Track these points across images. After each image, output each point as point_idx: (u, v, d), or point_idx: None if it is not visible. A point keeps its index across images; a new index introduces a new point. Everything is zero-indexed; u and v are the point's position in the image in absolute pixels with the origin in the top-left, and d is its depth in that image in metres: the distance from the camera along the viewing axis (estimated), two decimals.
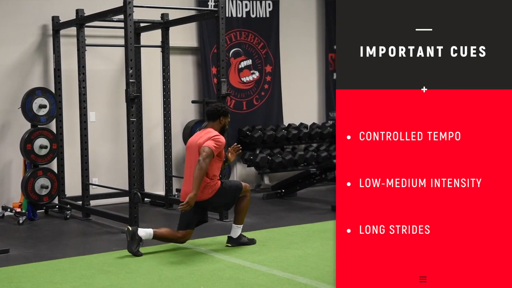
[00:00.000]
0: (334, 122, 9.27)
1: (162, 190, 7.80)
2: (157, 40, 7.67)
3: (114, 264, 4.86)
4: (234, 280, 4.40)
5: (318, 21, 9.36)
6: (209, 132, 5.22)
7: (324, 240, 5.59)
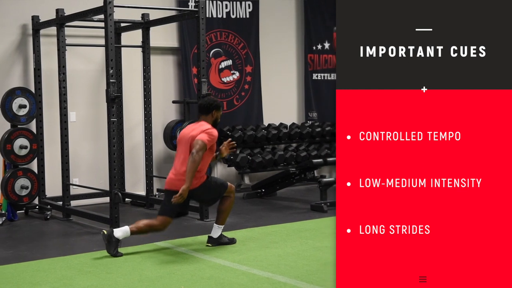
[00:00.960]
0: (313, 122, 9.31)
1: (143, 190, 7.70)
2: (137, 40, 7.59)
3: (95, 265, 4.81)
4: (214, 279, 4.38)
5: (297, 22, 9.33)
6: (202, 125, 5.20)
7: (303, 239, 5.59)
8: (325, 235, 5.79)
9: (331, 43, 9.48)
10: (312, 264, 4.77)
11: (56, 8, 6.72)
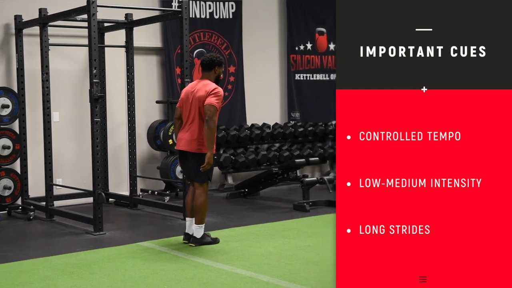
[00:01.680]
0: (295, 122, 9.31)
1: (126, 190, 7.63)
2: (121, 40, 7.51)
3: (78, 265, 4.77)
4: (197, 279, 4.36)
5: (280, 22, 9.27)
6: (206, 85, 5.18)
7: (286, 239, 5.57)
8: (308, 234, 5.81)
9: (313, 44, 9.51)
10: (295, 263, 4.77)
11: (39, 7, 6.64)
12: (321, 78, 9.59)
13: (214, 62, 5.30)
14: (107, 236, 5.83)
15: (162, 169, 7.83)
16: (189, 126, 5.20)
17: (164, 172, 7.79)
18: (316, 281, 4.29)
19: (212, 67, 5.29)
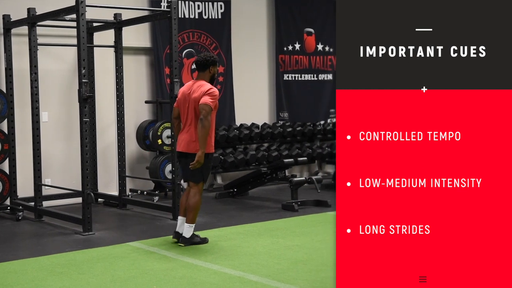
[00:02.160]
0: (284, 122, 9.32)
1: (115, 190, 7.59)
2: (110, 40, 7.45)
3: (67, 266, 4.74)
4: (186, 279, 4.35)
5: (269, 23, 9.24)
6: (201, 86, 5.20)
7: (274, 238, 5.57)
8: (296, 234, 5.82)
9: (301, 44, 9.52)
10: (283, 262, 4.78)
11: (27, 7, 6.59)
12: (309, 79, 9.61)
13: (209, 61, 5.30)
14: (96, 236, 5.80)
15: (151, 169, 7.81)
16: (188, 127, 5.23)
17: (153, 172, 7.77)
18: (304, 281, 4.31)
19: (206, 66, 5.30)
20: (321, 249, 5.19)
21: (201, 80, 5.29)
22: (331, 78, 9.82)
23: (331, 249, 5.18)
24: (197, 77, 5.37)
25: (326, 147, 9.46)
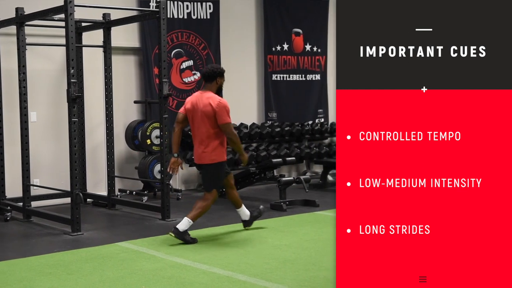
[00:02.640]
0: (273, 122, 9.32)
1: (104, 191, 7.52)
2: (99, 40, 7.41)
3: (55, 266, 4.72)
4: (175, 279, 4.35)
5: (257, 23, 9.22)
6: (210, 98, 5.34)
7: (262, 238, 5.56)
8: (284, 233, 5.83)
9: (290, 45, 9.53)
10: (272, 262, 4.78)
11: (16, 6, 6.55)
12: (297, 79, 9.62)
13: (216, 73, 5.44)
14: (85, 236, 5.77)
15: (140, 169, 7.79)
16: (199, 140, 5.41)
17: (142, 172, 7.75)
18: (292, 280, 4.31)
19: (214, 78, 5.43)
20: (309, 249, 5.20)
21: (209, 92, 5.42)
22: (319, 78, 9.83)
23: (319, 248, 5.20)
24: (204, 88, 5.49)
25: (314, 147, 9.47)
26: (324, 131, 9.71)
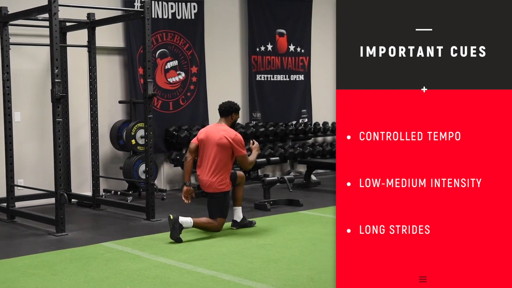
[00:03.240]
0: (257, 122, 9.29)
1: (89, 191, 7.47)
2: (83, 39, 7.32)
3: (39, 267, 4.66)
4: (159, 279, 4.32)
5: (241, 23, 9.18)
6: (225, 131, 5.65)
7: (247, 238, 5.56)
8: (268, 233, 5.83)
9: (274, 45, 9.53)
10: (255, 261, 4.78)
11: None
12: (281, 79, 9.63)
13: (232, 109, 5.77)
14: (70, 237, 5.71)
15: (125, 169, 7.75)
16: (209, 169, 5.62)
17: (127, 172, 7.72)
18: (276, 279, 4.32)
19: (229, 113, 5.76)
20: (293, 248, 5.22)
21: (224, 125, 5.73)
22: (302, 78, 9.85)
23: (303, 248, 5.22)
24: (220, 121, 5.79)
25: (298, 147, 9.50)
26: (308, 131, 9.74)
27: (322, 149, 9.85)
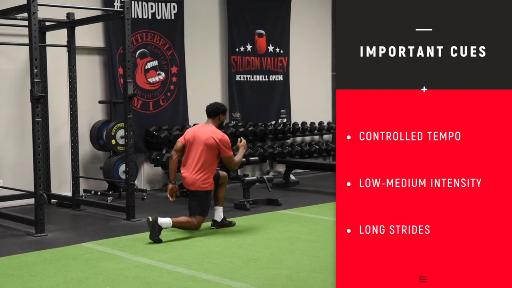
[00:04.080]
0: (236, 122, 9.21)
1: (69, 191, 7.37)
2: (63, 39, 7.21)
3: (18, 267, 4.60)
4: (139, 279, 4.29)
5: (221, 23, 9.13)
6: (213, 132, 5.67)
7: (226, 237, 5.54)
8: (248, 232, 5.82)
9: (253, 46, 9.52)
10: (235, 261, 4.77)
11: None
12: (260, 79, 9.63)
13: (219, 110, 5.79)
14: (49, 237, 5.63)
15: (105, 169, 7.69)
16: (194, 167, 5.62)
17: (107, 172, 7.65)
18: (255, 278, 4.33)
19: (217, 114, 5.78)
20: (272, 247, 5.23)
21: (212, 125, 5.74)
22: (281, 79, 9.86)
23: (282, 247, 5.23)
24: (207, 122, 5.79)
25: (277, 147, 9.51)
26: (287, 131, 9.75)
27: (301, 149, 9.87)
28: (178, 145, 5.76)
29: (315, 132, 10.21)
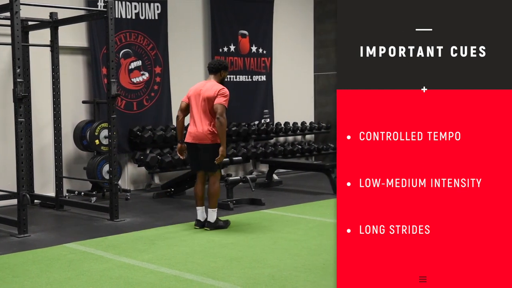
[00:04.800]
0: None
1: (52, 191, 7.25)
2: (46, 39, 7.13)
3: (1, 269, 4.54)
4: (123, 279, 4.27)
5: (205, 24, 9.08)
6: (213, 85, 5.71)
7: (210, 237, 5.52)
8: (231, 232, 5.81)
9: (236, 46, 9.51)
10: (218, 260, 4.76)
11: None
12: (244, 80, 9.64)
13: (221, 66, 5.85)
14: (32, 238, 5.56)
15: (88, 170, 7.62)
16: (200, 121, 5.65)
17: (91, 173, 7.59)
18: (238, 278, 4.33)
19: (218, 70, 5.83)
20: (255, 247, 5.24)
21: (213, 80, 5.77)
22: (264, 79, 9.87)
23: (265, 246, 5.24)
24: (209, 78, 5.85)
25: (260, 147, 9.52)
26: (270, 131, 9.75)
27: (284, 149, 9.88)
28: (182, 104, 5.84)
29: (297, 132, 10.23)
